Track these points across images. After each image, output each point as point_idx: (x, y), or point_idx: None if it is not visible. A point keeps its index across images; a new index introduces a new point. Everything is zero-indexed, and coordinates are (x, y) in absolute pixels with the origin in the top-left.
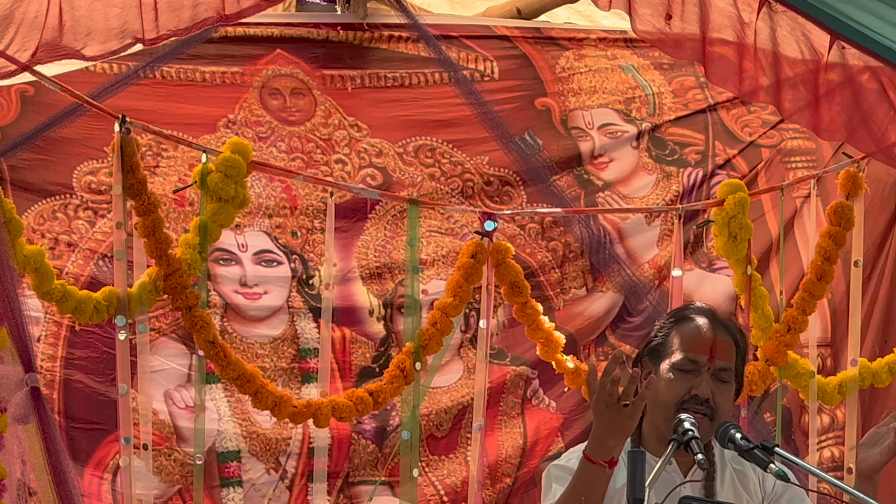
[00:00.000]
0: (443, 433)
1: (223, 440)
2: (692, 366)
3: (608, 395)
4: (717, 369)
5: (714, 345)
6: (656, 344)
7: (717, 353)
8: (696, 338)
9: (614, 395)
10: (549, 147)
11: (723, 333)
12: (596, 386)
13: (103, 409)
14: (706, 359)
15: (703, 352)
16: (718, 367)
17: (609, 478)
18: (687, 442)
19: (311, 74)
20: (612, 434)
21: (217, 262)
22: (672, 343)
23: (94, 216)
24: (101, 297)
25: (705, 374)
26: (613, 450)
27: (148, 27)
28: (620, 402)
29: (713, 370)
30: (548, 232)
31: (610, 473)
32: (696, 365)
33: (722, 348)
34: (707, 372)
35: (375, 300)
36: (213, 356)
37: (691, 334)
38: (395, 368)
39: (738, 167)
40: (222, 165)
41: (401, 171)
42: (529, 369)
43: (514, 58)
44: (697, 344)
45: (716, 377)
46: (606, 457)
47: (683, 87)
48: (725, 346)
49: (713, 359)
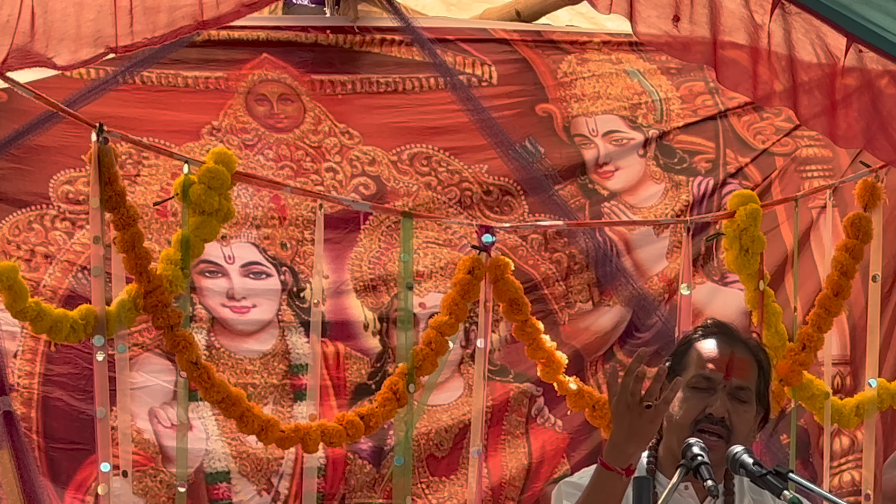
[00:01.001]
0: (443, 453)
1: (211, 460)
2: (707, 383)
3: (630, 394)
4: (733, 388)
5: (731, 362)
6: (673, 363)
7: (733, 371)
8: (711, 354)
9: (637, 395)
10: (551, 155)
11: (741, 351)
12: (617, 388)
13: (84, 429)
14: (722, 376)
15: (718, 369)
16: (735, 385)
17: (626, 487)
18: (696, 468)
19: (299, 79)
20: (631, 439)
21: (202, 274)
22: (688, 361)
23: (71, 227)
24: (77, 316)
25: (721, 393)
26: (632, 456)
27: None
28: (643, 403)
29: (729, 388)
30: (551, 243)
31: (627, 482)
32: (711, 383)
33: (739, 366)
34: (723, 390)
35: (370, 314)
36: (196, 377)
37: (707, 351)
38: (388, 391)
39: (750, 176)
40: (205, 177)
41: (395, 180)
42: (534, 386)
43: (514, 62)
44: (713, 361)
45: (733, 396)
46: (624, 463)
47: (692, 92)
48: (744, 364)
49: (729, 376)
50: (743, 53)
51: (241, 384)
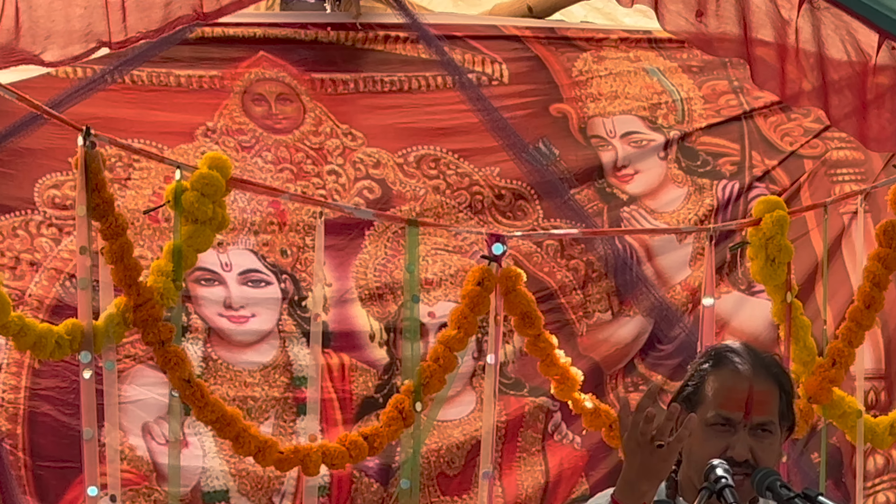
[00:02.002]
0: (455, 471)
1: (209, 479)
2: (726, 423)
3: (640, 433)
4: (755, 425)
5: (750, 398)
6: (689, 392)
7: (753, 408)
8: (729, 391)
9: (647, 434)
10: (567, 157)
11: (761, 382)
12: (628, 423)
13: (74, 446)
14: (742, 415)
15: (737, 407)
16: (757, 422)
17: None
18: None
19: (298, 78)
20: (644, 477)
21: (198, 282)
22: (705, 394)
23: (58, 233)
24: (63, 331)
25: (742, 432)
26: (645, 495)
27: (115, 28)
28: (654, 443)
29: (750, 426)
30: (568, 250)
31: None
32: (731, 422)
33: (760, 400)
34: (744, 429)
35: (376, 324)
36: (189, 396)
37: (725, 387)
38: (393, 410)
39: (778, 180)
40: (198, 183)
41: (401, 184)
42: (550, 401)
43: (526, 60)
44: (731, 399)
45: (754, 434)
46: (637, 502)
47: (715, 91)
48: (764, 397)
49: (749, 415)
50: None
51: (240, 398)
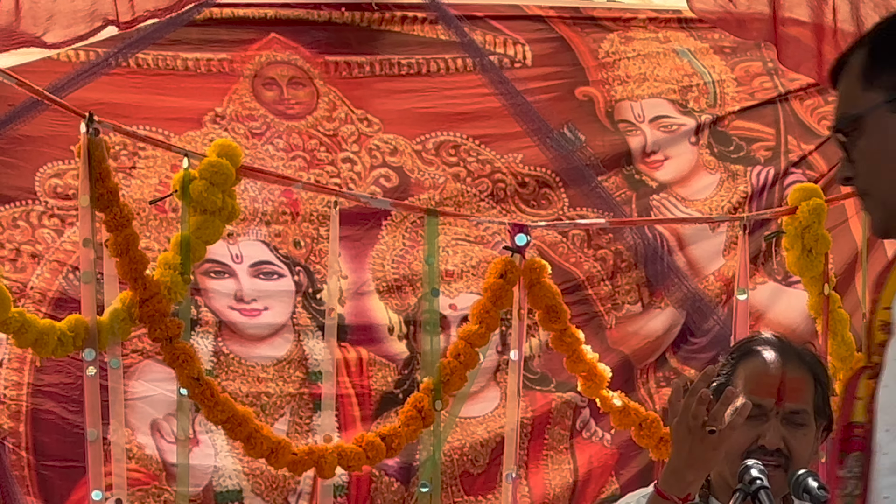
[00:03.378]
0: (479, 469)
1: (221, 478)
2: (757, 410)
3: (692, 417)
4: (787, 412)
5: (783, 384)
6: (720, 383)
7: (786, 395)
8: (760, 377)
9: (699, 418)
10: (593, 143)
11: (794, 369)
12: (678, 407)
13: (79, 444)
14: (773, 402)
15: (768, 394)
16: (789, 409)
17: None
18: (755, 493)
19: (311, 61)
20: (692, 466)
21: (207, 274)
22: (736, 383)
23: (61, 224)
24: (66, 328)
25: (774, 420)
26: (692, 485)
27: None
28: (705, 428)
29: (783, 414)
30: (595, 239)
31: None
32: (762, 409)
33: (793, 388)
34: (776, 417)
35: (395, 316)
36: (198, 395)
37: (756, 373)
38: (412, 409)
39: (815, 165)
40: (207, 172)
41: (420, 171)
42: (578, 397)
43: (550, 41)
44: (762, 385)
45: (788, 421)
46: (682, 493)
47: (749, 73)
48: (798, 385)
49: (781, 401)
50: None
51: (253, 393)
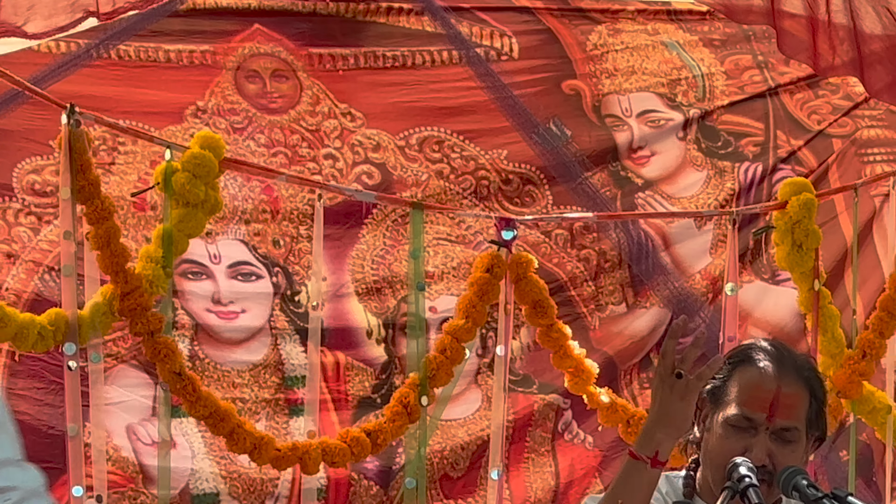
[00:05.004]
0: (459, 473)
1: (198, 481)
2: (747, 423)
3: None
4: (777, 429)
5: (776, 399)
6: (715, 386)
7: (778, 410)
8: (754, 390)
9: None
10: (579, 138)
11: (790, 384)
12: None
13: (54, 446)
14: (764, 416)
15: (760, 408)
16: (780, 426)
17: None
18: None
19: (295, 53)
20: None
21: (185, 275)
22: (729, 391)
23: (38, 222)
24: (46, 321)
25: (763, 435)
26: (660, 444)
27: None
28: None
29: (773, 429)
30: (578, 239)
31: (653, 475)
32: (752, 423)
33: (786, 404)
34: (765, 432)
35: (374, 319)
36: (180, 390)
37: (750, 385)
38: (398, 404)
39: (804, 161)
40: (189, 164)
41: (402, 168)
42: (561, 398)
43: (537, 33)
44: (755, 398)
45: (777, 437)
46: (651, 451)
47: (738, 66)
48: (792, 401)
49: (773, 417)
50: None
51: (228, 398)
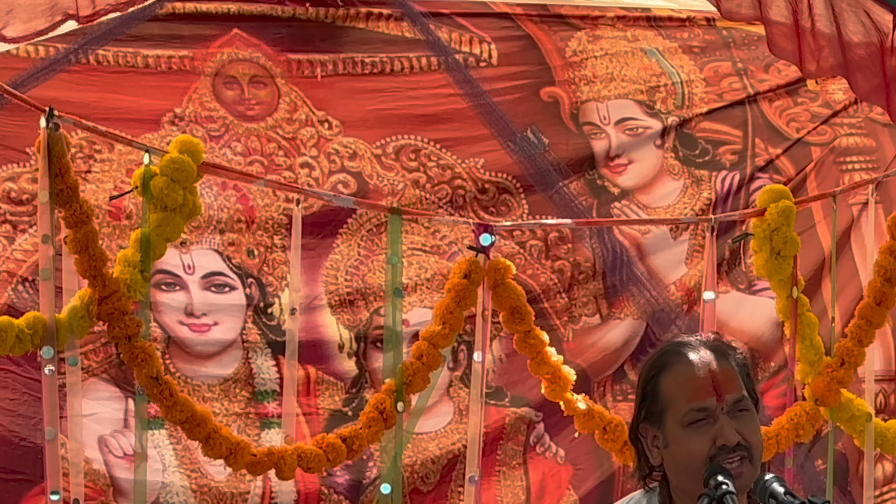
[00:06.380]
0: (429, 487)
1: (169, 494)
2: (703, 414)
3: None
4: (731, 405)
5: (716, 379)
6: (648, 408)
7: (723, 388)
8: (692, 381)
9: None
10: (557, 146)
11: (717, 361)
12: None
13: (26, 457)
14: (715, 400)
15: (707, 394)
16: (731, 402)
17: None
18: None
19: (273, 59)
20: None
21: (158, 286)
22: (667, 399)
23: (12, 231)
24: (23, 325)
25: (723, 417)
26: None
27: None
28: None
29: (727, 409)
30: (553, 250)
31: None
32: (708, 411)
33: (725, 378)
34: (722, 414)
35: (346, 332)
36: (157, 395)
37: (686, 379)
38: (374, 410)
39: (783, 169)
40: (168, 168)
41: (378, 177)
42: (533, 411)
43: (517, 39)
44: (698, 388)
45: (734, 414)
46: None
47: (717, 74)
48: (727, 375)
49: (722, 396)
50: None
51: None
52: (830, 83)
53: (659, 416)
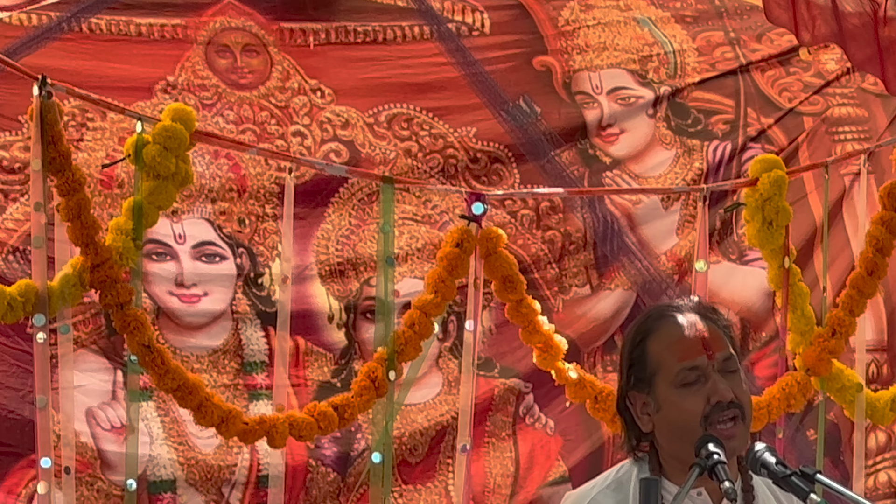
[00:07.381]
0: (418, 458)
1: (156, 467)
2: (695, 373)
3: None
4: (721, 363)
5: (704, 338)
6: (636, 374)
7: (712, 346)
8: (683, 341)
9: None
10: (549, 116)
11: (704, 320)
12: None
13: (14, 429)
14: (706, 358)
15: (698, 353)
16: (721, 360)
17: None
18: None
19: (266, 28)
20: None
21: (149, 256)
22: (656, 359)
23: (3, 199)
24: (15, 292)
25: (714, 375)
26: None
27: None
28: None
29: (717, 367)
30: (544, 220)
31: None
32: (700, 370)
33: (714, 337)
34: (714, 371)
35: (336, 303)
36: (149, 363)
37: (676, 339)
38: (365, 378)
39: (774, 139)
40: (161, 136)
41: (371, 146)
42: (522, 382)
43: (509, 8)
44: (688, 347)
45: (724, 372)
46: None
47: (710, 43)
48: (715, 334)
49: (713, 354)
50: None
51: None
52: (823, 53)
53: (648, 381)
